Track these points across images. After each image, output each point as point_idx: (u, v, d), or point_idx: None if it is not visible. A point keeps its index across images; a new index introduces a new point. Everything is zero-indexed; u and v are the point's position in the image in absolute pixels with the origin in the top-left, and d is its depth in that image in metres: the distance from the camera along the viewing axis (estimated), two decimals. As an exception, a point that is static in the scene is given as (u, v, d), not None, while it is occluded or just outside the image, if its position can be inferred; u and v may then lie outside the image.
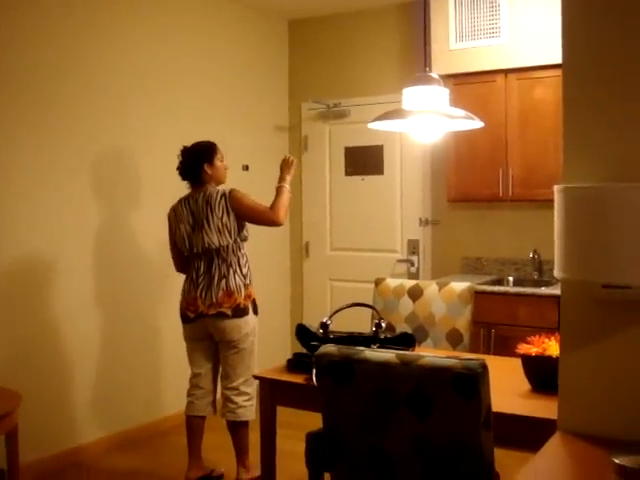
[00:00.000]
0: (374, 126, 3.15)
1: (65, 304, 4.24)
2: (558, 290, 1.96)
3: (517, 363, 2.76)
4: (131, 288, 4.67)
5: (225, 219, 3.78)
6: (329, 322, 3.14)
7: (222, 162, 3.94)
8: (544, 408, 2.34)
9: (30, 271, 4.08)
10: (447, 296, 3.69)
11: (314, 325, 3.20)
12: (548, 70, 4.46)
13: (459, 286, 3.71)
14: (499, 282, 4.97)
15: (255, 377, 3.24)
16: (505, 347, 3.98)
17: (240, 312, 3.78)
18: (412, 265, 5.51)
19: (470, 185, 4.97)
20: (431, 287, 3.78)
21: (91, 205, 4.41)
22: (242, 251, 3.88)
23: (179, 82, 5.00)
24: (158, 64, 4.84)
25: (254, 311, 3.87)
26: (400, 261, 5.58)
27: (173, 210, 3.93)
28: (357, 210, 5.77)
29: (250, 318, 3.83)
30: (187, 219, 3.84)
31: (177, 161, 3.91)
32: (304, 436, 3.10)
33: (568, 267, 1.78)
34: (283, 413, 3.12)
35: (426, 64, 3.49)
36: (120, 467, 4.25)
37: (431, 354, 2.11)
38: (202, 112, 5.17)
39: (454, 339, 3.62)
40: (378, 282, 3.95)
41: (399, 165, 5.59)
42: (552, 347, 2.64)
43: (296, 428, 3.46)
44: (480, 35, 4.79)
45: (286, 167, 3.99)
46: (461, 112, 3.04)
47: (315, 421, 2.52)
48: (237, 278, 3.81)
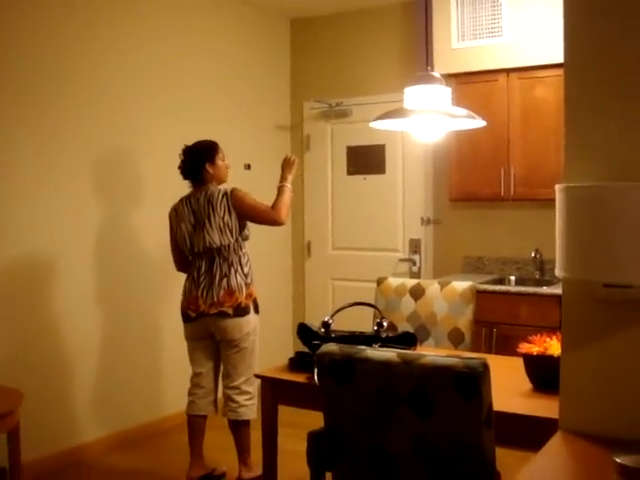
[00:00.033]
0: (376, 125, 3.15)
1: (66, 303, 4.24)
2: (560, 289, 1.96)
3: (519, 362, 2.76)
4: (132, 287, 4.67)
5: (227, 218, 3.78)
6: (331, 321, 3.15)
7: (223, 161, 3.94)
8: (545, 407, 2.35)
9: (31, 270, 4.08)
10: (449, 295, 3.69)
11: (316, 324, 3.20)
12: (550, 69, 4.46)
13: (461, 285, 3.70)
14: (501, 281, 4.97)
15: (257, 376, 3.24)
16: (507, 346, 3.97)
17: (241, 311, 3.78)
18: (414, 264, 5.51)
19: (472, 184, 4.97)
20: (433, 286, 3.78)
21: (92, 204, 4.41)
22: (243, 250, 3.88)
23: (180, 82, 5.00)
24: (159, 63, 4.84)
25: (255, 310, 3.87)
26: (402, 260, 5.58)
27: (174, 209, 3.93)
28: (359, 209, 5.77)
29: (251, 317, 3.84)
30: (188, 218, 3.84)
31: (178, 160, 3.91)
32: (305, 435, 3.11)
33: (569, 266, 1.78)
34: (284, 412, 3.12)
35: (428, 63, 3.50)
36: (121, 466, 4.25)
37: (432, 353, 2.11)
38: (204, 111, 5.17)
39: (456, 338, 3.62)
40: (380, 281, 3.95)
41: (401, 164, 5.59)
42: (553, 346, 2.64)
43: (297, 427, 3.46)
44: (482, 34, 4.79)
45: (287, 167, 3.99)
46: (463, 111, 3.03)
47: (317, 420, 2.52)
48: (238, 277, 3.81)
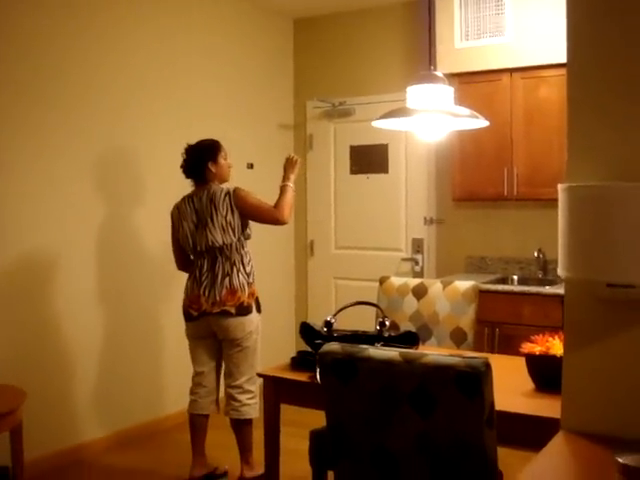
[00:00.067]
0: (378, 124, 3.15)
1: (68, 302, 4.25)
2: (562, 289, 1.95)
3: (521, 362, 2.76)
4: (134, 286, 4.68)
5: (229, 217, 3.78)
6: (333, 320, 3.15)
7: (226, 160, 3.94)
8: (547, 407, 2.34)
9: (33, 270, 4.09)
10: (451, 295, 3.69)
11: (318, 323, 3.20)
12: (553, 69, 4.45)
13: (463, 285, 3.70)
14: (503, 281, 4.96)
15: (259, 375, 3.25)
16: (509, 346, 3.97)
17: (244, 310, 3.79)
18: (417, 264, 5.51)
19: (475, 184, 4.97)
20: (435, 286, 3.78)
21: (93, 204, 4.41)
22: (245, 249, 3.88)
23: (183, 82, 5.00)
24: (162, 63, 4.84)
25: (257, 309, 3.88)
26: (405, 260, 5.58)
27: (177, 208, 3.93)
28: (362, 209, 5.77)
29: (254, 316, 3.84)
30: (191, 217, 3.84)
31: (181, 160, 3.91)
32: (308, 434, 3.12)
33: (572, 266, 1.78)
34: (287, 411, 3.12)
35: (431, 63, 3.49)
36: (123, 465, 4.25)
37: (434, 352, 2.11)
38: (207, 111, 5.17)
39: (458, 338, 3.62)
40: (382, 281, 3.95)
41: (404, 164, 5.59)
42: (556, 346, 2.64)
43: (300, 426, 3.46)
44: (485, 34, 4.78)
45: (290, 166, 3.99)
46: (466, 111, 3.03)
47: (319, 419, 2.52)
48: (241, 276, 3.81)
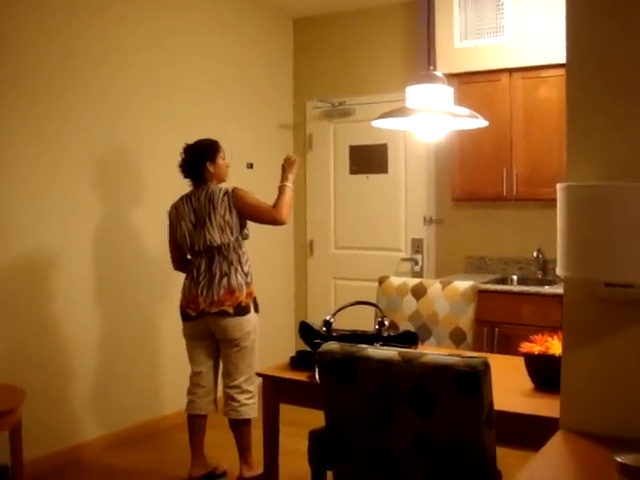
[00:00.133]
0: (378, 124, 3.15)
1: (67, 302, 4.25)
2: (562, 289, 1.95)
3: (520, 362, 2.76)
4: (132, 286, 4.67)
5: (227, 217, 3.78)
6: (332, 320, 3.15)
7: (224, 160, 3.93)
8: (547, 407, 2.34)
9: (33, 269, 4.09)
10: (450, 295, 3.69)
11: (317, 323, 3.20)
12: (552, 69, 4.45)
13: (462, 285, 3.70)
14: (503, 281, 4.96)
15: (258, 375, 3.25)
16: (508, 346, 3.97)
17: (242, 310, 3.78)
18: (416, 264, 5.51)
19: (474, 184, 4.97)
20: (434, 286, 3.78)
21: (93, 204, 4.41)
22: (243, 249, 3.87)
23: (183, 82, 5.00)
24: (162, 64, 4.84)
25: (255, 309, 3.87)
26: (404, 260, 5.58)
27: (174, 207, 3.92)
28: (361, 209, 5.77)
29: (252, 316, 3.84)
30: (189, 216, 3.84)
31: (179, 159, 3.91)
32: (307, 434, 3.12)
33: (571, 265, 1.78)
34: (286, 411, 3.12)
35: (430, 63, 3.49)
36: (123, 465, 4.25)
37: (433, 352, 2.11)
38: (207, 111, 5.17)
39: (457, 338, 3.62)
40: (382, 280, 3.95)
41: (403, 164, 5.59)
42: (555, 346, 2.64)
43: (299, 426, 3.46)
44: (485, 34, 4.79)
45: (289, 166, 3.99)
46: (465, 111, 3.04)
47: (318, 419, 2.52)
48: (239, 276, 3.80)
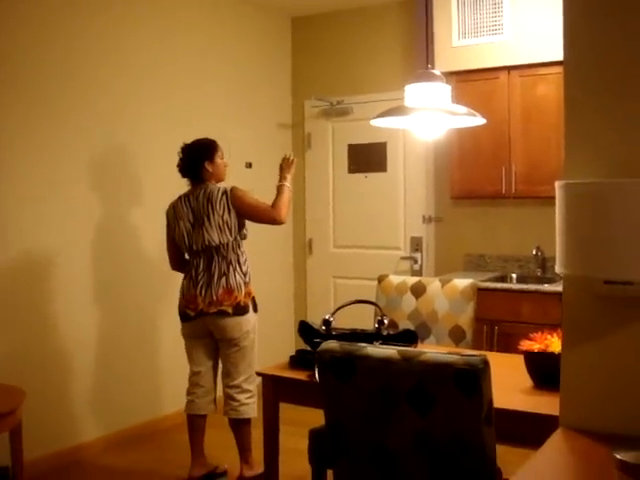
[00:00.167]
0: (376, 123, 3.15)
1: (66, 302, 4.25)
2: (561, 287, 1.95)
3: (520, 360, 2.76)
4: (131, 286, 4.67)
5: (226, 217, 3.77)
6: (332, 319, 3.15)
7: (222, 159, 3.93)
8: (546, 404, 2.34)
9: (32, 269, 4.09)
10: (450, 293, 3.69)
11: (317, 322, 3.20)
12: (551, 67, 4.45)
13: (462, 283, 3.70)
14: (502, 279, 4.96)
15: (258, 374, 3.24)
16: (508, 344, 3.98)
17: (241, 310, 3.78)
18: (415, 262, 5.51)
19: (473, 182, 4.97)
20: (434, 284, 3.78)
21: (93, 204, 4.41)
22: (242, 249, 3.87)
23: (182, 81, 5.00)
24: (160, 64, 4.84)
25: (254, 309, 3.87)
26: (403, 258, 5.58)
27: (172, 207, 3.92)
28: (360, 207, 5.77)
29: (250, 316, 3.84)
30: (187, 216, 3.83)
31: (178, 158, 3.91)
32: (307, 433, 3.12)
33: (570, 263, 1.78)
34: (286, 410, 3.12)
35: (428, 61, 3.49)
36: (123, 465, 4.25)
37: (433, 350, 2.11)
38: (205, 111, 5.16)
39: (457, 336, 3.62)
40: (381, 279, 3.95)
41: (402, 162, 5.58)
42: (554, 343, 2.64)
43: (299, 425, 3.46)
44: (483, 32, 4.78)
45: (287, 166, 3.98)
46: (463, 109, 3.03)
47: (318, 418, 2.52)
48: (237, 276, 3.80)
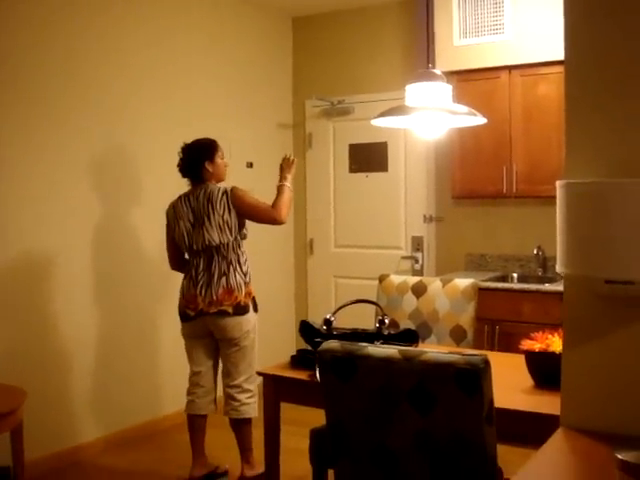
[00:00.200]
0: (377, 123, 3.14)
1: (66, 302, 4.25)
2: (562, 287, 1.95)
3: (520, 359, 2.76)
4: (131, 286, 4.67)
5: (226, 216, 3.77)
6: (332, 318, 3.15)
7: (223, 159, 3.93)
8: (547, 404, 2.34)
9: (32, 269, 4.09)
10: (451, 292, 3.69)
11: (318, 322, 3.20)
12: (552, 66, 4.45)
13: (463, 282, 3.70)
14: (503, 279, 4.96)
15: (259, 374, 3.24)
16: (509, 344, 3.97)
17: (241, 310, 3.78)
18: (416, 262, 5.51)
19: (474, 181, 4.97)
20: (435, 283, 3.78)
21: (94, 202, 4.42)
22: (242, 249, 3.87)
23: (182, 81, 5.00)
24: (161, 64, 4.84)
25: (254, 309, 3.87)
26: (404, 258, 5.58)
27: (172, 207, 3.92)
28: (361, 207, 5.77)
29: (251, 316, 3.83)
30: (187, 216, 3.83)
31: (178, 158, 3.91)
32: (308, 433, 3.12)
33: (570, 262, 1.78)
34: (287, 410, 3.12)
35: (429, 60, 3.49)
36: (124, 465, 4.25)
37: (434, 350, 2.11)
38: (206, 110, 5.16)
39: (458, 335, 3.61)
40: (382, 279, 3.95)
41: (403, 162, 5.58)
42: (555, 343, 2.64)
43: (300, 425, 3.46)
44: (484, 32, 4.78)
45: (287, 166, 3.98)
46: (464, 108, 3.03)
47: (319, 417, 2.52)
48: (237, 276, 3.80)
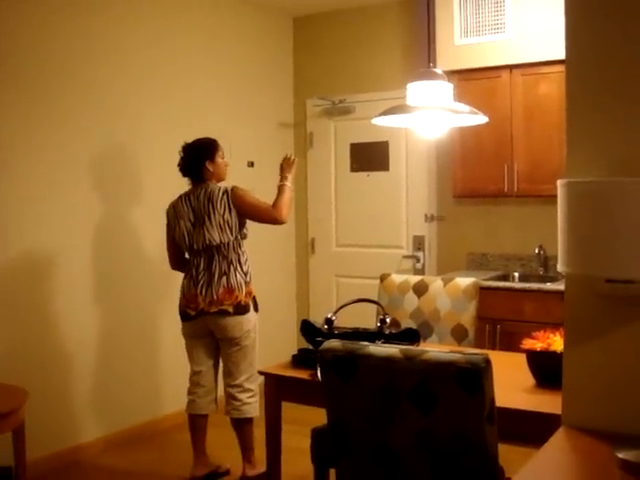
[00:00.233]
0: (378, 122, 3.14)
1: (67, 302, 4.25)
2: (563, 286, 1.95)
3: (522, 358, 2.76)
4: (132, 285, 4.67)
5: (227, 216, 3.77)
6: (334, 318, 3.15)
7: (223, 159, 3.93)
8: (548, 403, 2.34)
9: (33, 268, 4.09)
10: (452, 292, 3.69)
11: (319, 321, 3.20)
12: (553, 66, 4.44)
13: (464, 281, 3.70)
14: (504, 278, 4.96)
15: (260, 373, 3.24)
16: (511, 343, 3.97)
17: (241, 309, 3.78)
18: (418, 261, 5.51)
19: (475, 181, 4.97)
20: (436, 283, 3.78)
21: (94, 202, 4.42)
22: (242, 249, 3.87)
23: (183, 81, 5.00)
24: (162, 63, 4.84)
25: (255, 308, 3.87)
26: (406, 257, 5.58)
27: (172, 206, 3.92)
28: (363, 206, 5.77)
29: (251, 315, 3.84)
30: (188, 215, 3.83)
31: (179, 158, 3.91)
32: (309, 432, 3.12)
33: (571, 261, 1.78)
34: (288, 409, 3.12)
35: (430, 60, 3.49)
36: (125, 465, 4.25)
37: (435, 349, 2.11)
38: (207, 110, 5.16)
39: (459, 335, 3.61)
40: (383, 278, 3.95)
41: (404, 161, 5.58)
42: (557, 342, 2.64)
43: (301, 424, 3.46)
44: (485, 31, 4.78)
45: (287, 166, 3.97)
46: (465, 107, 3.03)
47: (320, 417, 2.51)
48: (238, 275, 3.80)
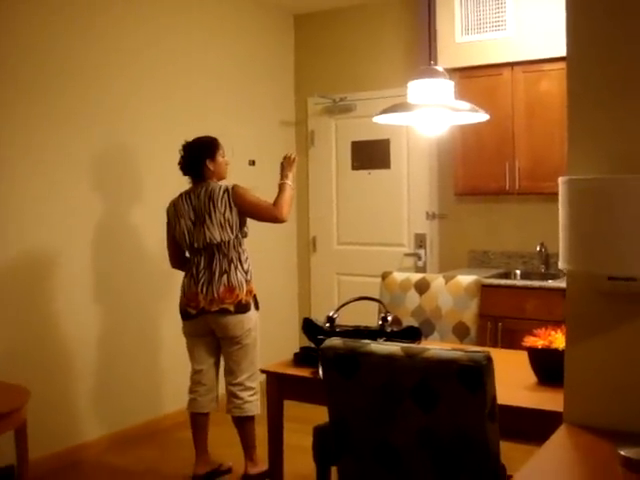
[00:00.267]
0: (379, 120, 3.14)
1: (68, 301, 4.25)
2: (565, 283, 1.95)
3: (523, 356, 2.76)
4: (133, 284, 4.67)
5: (227, 214, 3.77)
6: (335, 316, 3.15)
7: (223, 157, 3.92)
8: (550, 400, 2.34)
9: (33, 268, 4.09)
10: (453, 289, 3.68)
11: (321, 319, 3.20)
12: (554, 63, 4.44)
13: (466, 279, 3.70)
14: (506, 275, 4.96)
15: (262, 371, 3.24)
16: (512, 340, 3.97)
17: (242, 308, 3.78)
18: (419, 259, 5.50)
19: (477, 178, 4.97)
20: (437, 280, 3.78)
21: (94, 201, 4.42)
22: (243, 247, 3.87)
23: (184, 79, 5.00)
24: (163, 61, 4.84)
25: (256, 306, 3.87)
26: (407, 255, 5.58)
27: (173, 205, 3.91)
28: (364, 204, 5.77)
29: (252, 313, 3.84)
30: (188, 214, 3.83)
31: (179, 156, 3.90)
32: (311, 430, 3.12)
33: (573, 259, 1.78)
34: (290, 407, 3.12)
35: (431, 57, 3.49)
36: (128, 464, 4.25)
37: (436, 347, 2.11)
38: (208, 108, 5.16)
39: (461, 332, 3.61)
40: (385, 276, 3.94)
41: (406, 159, 5.58)
42: (558, 340, 2.64)
43: (303, 422, 3.46)
44: (486, 28, 4.78)
45: (288, 165, 3.97)
46: (466, 105, 3.03)
47: (322, 415, 2.51)
48: (239, 274, 3.80)
